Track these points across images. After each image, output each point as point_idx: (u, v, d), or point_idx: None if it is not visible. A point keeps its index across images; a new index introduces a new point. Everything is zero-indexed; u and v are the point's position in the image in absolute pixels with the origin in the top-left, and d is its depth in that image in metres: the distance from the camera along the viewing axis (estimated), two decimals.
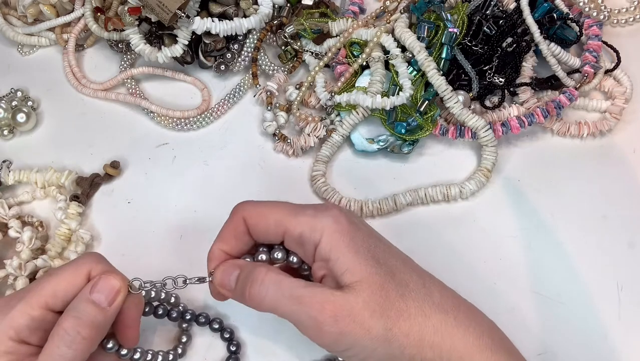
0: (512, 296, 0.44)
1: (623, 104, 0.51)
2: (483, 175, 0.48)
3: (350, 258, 0.34)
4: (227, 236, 0.38)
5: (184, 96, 0.54)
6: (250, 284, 0.35)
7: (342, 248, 0.34)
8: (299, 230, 0.35)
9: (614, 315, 0.43)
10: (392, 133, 0.48)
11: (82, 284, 0.35)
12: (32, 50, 0.57)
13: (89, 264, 0.36)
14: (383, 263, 0.35)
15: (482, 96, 0.50)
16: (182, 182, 0.49)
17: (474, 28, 0.50)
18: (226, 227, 0.38)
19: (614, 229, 0.47)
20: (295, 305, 0.34)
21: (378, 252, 0.35)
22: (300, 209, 0.36)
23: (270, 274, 0.35)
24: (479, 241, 0.46)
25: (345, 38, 0.51)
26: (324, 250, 0.35)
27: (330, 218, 0.35)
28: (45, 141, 0.52)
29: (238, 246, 0.38)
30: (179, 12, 0.47)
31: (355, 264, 0.34)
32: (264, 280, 0.35)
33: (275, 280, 0.35)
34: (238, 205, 0.38)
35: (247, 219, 0.37)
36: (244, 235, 0.38)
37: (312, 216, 0.35)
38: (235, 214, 0.38)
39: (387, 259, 0.35)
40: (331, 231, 0.35)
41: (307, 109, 0.52)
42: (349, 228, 0.35)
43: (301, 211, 0.36)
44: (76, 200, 0.47)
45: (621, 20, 0.56)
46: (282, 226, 0.36)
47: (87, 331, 0.33)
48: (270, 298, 0.34)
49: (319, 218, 0.35)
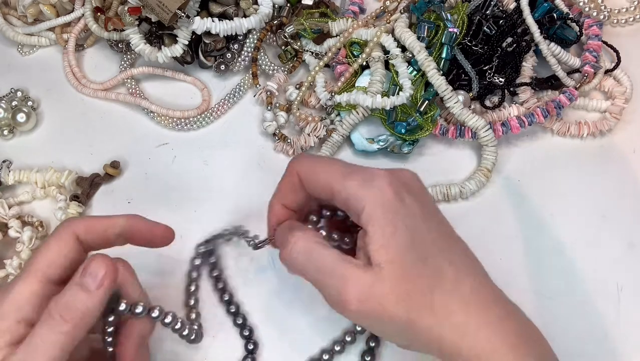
0: (512, 296, 0.44)
1: (623, 104, 0.51)
2: (483, 175, 0.48)
3: (386, 236, 0.33)
4: (284, 190, 0.38)
5: (184, 96, 0.54)
6: (282, 248, 0.36)
7: (381, 223, 0.33)
8: (344, 195, 0.35)
9: (613, 315, 0.43)
10: (392, 133, 0.48)
11: (71, 249, 0.35)
12: (32, 50, 0.57)
13: (71, 227, 0.35)
14: (418, 246, 0.34)
15: (482, 96, 0.50)
16: (182, 182, 0.49)
17: (474, 28, 0.50)
18: (283, 181, 0.38)
19: (614, 229, 0.47)
20: (321, 277, 0.34)
21: (417, 233, 0.34)
22: (350, 172, 0.35)
23: (300, 243, 0.35)
24: (479, 241, 0.46)
25: (345, 38, 0.51)
26: (364, 221, 0.34)
27: (377, 188, 0.34)
28: (45, 141, 0.52)
29: (297, 200, 0.38)
30: (179, 12, 0.47)
31: (389, 243, 0.33)
32: (293, 247, 0.35)
33: (305, 249, 0.35)
34: (294, 159, 0.38)
35: (300, 174, 0.37)
36: (301, 189, 0.37)
37: (359, 183, 0.34)
38: (291, 168, 0.38)
39: (425, 242, 0.34)
40: (374, 204, 0.34)
41: (307, 109, 0.52)
42: (394, 202, 0.34)
43: (350, 175, 0.35)
44: (76, 200, 0.47)
45: (621, 20, 0.56)
46: (329, 187, 0.35)
47: (71, 314, 0.32)
48: (298, 264, 0.35)
49: (365, 187, 0.34)
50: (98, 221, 0.37)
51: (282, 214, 0.38)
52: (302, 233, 0.35)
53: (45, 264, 0.34)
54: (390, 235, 0.33)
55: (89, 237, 0.36)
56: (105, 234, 0.37)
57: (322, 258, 0.34)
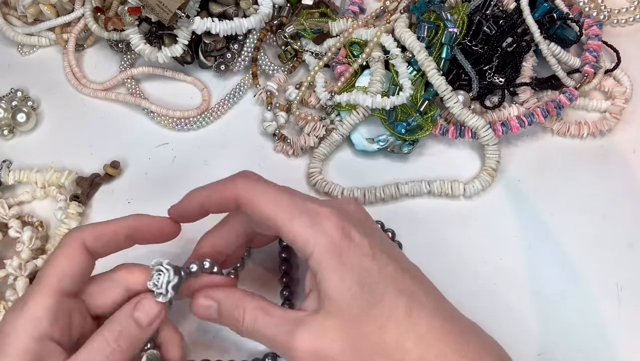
0: (512, 296, 0.44)
1: (623, 104, 0.51)
2: (488, 174, 0.48)
3: (335, 283, 0.33)
4: (213, 198, 0.37)
5: (184, 96, 0.54)
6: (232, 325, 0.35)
7: (330, 270, 0.33)
8: (291, 237, 0.34)
9: (614, 315, 0.43)
10: (392, 133, 0.48)
11: (81, 259, 0.35)
12: (32, 50, 0.57)
13: (79, 237, 0.35)
14: (368, 291, 0.33)
15: (482, 95, 0.50)
16: (182, 182, 0.49)
17: (474, 28, 0.50)
18: (216, 191, 0.37)
19: (613, 229, 0.47)
20: (270, 345, 0.35)
21: (368, 275, 0.33)
22: (297, 211, 0.34)
23: (246, 317, 0.35)
24: (479, 241, 0.46)
25: (345, 38, 0.51)
26: (313, 265, 0.33)
27: (325, 232, 0.33)
28: (45, 141, 0.52)
29: (218, 211, 0.38)
30: (179, 12, 0.47)
31: (339, 291, 0.33)
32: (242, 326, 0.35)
33: (250, 323, 0.35)
34: (238, 177, 0.37)
35: (240, 199, 0.36)
36: (230, 208, 0.37)
37: (306, 225, 0.34)
38: (231, 186, 0.36)
39: (376, 283, 0.33)
40: (322, 249, 0.33)
41: (307, 109, 0.52)
42: (342, 245, 0.33)
43: (296, 216, 0.34)
44: (76, 200, 0.47)
45: (621, 20, 0.56)
46: (275, 225, 0.35)
47: (126, 345, 0.34)
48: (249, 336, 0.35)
49: (313, 230, 0.33)
50: (104, 226, 0.36)
51: (195, 211, 0.38)
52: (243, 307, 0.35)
53: (57, 279, 0.34)
54: (337, 283, 0.33)
55: (97, 245, 0.36)
56: (114, 239, 0.36)
57: (265, 328, 0.34)
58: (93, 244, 0.35)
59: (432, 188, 0.48)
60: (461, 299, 0.43)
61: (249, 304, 0.35)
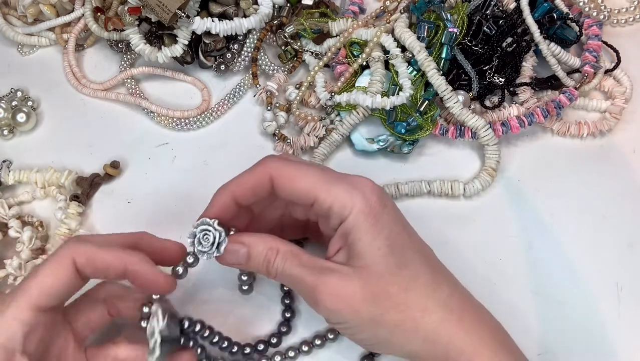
0: (512, 296, 0.44)
1: (623, 104, 0.51)
2: (488, 174, 0.48)
3: (367, 242, 0.35)
4: (245, 186, 0.37)
5: (184, 96, 0.54)
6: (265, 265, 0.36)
7: (364, 230, 0.35)
8: (329, 203, 0.35)
9: (613, 314, 0.43)
10: (392, 133, 0.48)
11: (69, 276, 0.34)
12: (32, 50, 0.57)
13: (72, 254, 0.34)
14: (398, 253, 0.35)
15: (482, 95, 0.50)
16: (182, 182, 0.49)
17: (474, 28, 0.50)
18: (247, 176, 0.37)
19: (613, 229, 0.47)
20: (296, 286, 0.36)
21: (397, 240, 0.35)
22: (334, 179, 0.36)
23: (277, 260, 0.36)
24: (479, 241, 0.46)
25: (345, 38, 0.51)
26: (347, 226, 0.35)
27: (362, 196, 0.35)
28: (45, 141, 0.52)
29: (254, 200, 0.37)
30: (179, 12, 0.47)
31: (369, 250, 0.34)
32: (272, 268, 0.36)
33: (280, 265, 0.36)
34: (267, 159, 0.37)
35: (275, 179, 0.36)
36: (265, 192, 0.37)
37: (345, 190, 0.35)
38: (263, 169, 0.37)
39: (404, 249, 0.35)
40: (359, 211, 0.35)
41: (307, 109, 0.52)
42: (377, 209, 0.35)
43: (335, 182, 0.35)
44: (76, 200, 0.47)
45: (621, 20, 0.56)
46: (312, 195, 0.35)
47: None
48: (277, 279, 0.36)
49: (351, 195, 0.35)
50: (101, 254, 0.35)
51: (227, 207, 0.37)
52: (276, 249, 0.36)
53: (37, 293, 0.33)
54: (370, 242, 0.35)
55: (88, 269, 0.35)
56: (105, 273, 0.35)
57: (294, 270, 0.35)
58: (84, 267, 0.34)
59: (432, 188, 0.48)
60: None
61: (281, 247, 0.36)
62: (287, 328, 0.43)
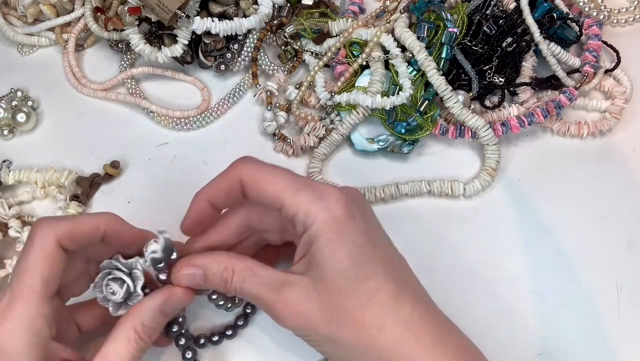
0: (512, 296, 0.44)
1: (623, 104, 0.51)
2: (488, 174, 0.48)
3: (328, 254, 0.34)
4: (218, 189, 0.37)
5: (184, 96, 0.54)
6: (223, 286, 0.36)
7: (325, 240, 0.34)
8: (294, 210, 0.35)
9: (613, 315, 0.43)
10: (392, 133, 0.48)
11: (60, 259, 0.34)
12: (32, 50, 0.57)
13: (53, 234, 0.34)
14: (359, 267, 0.34)
15: (482, 95, 0.50)
16: (182, 182, 0.49)
17: (474, 28, 0.50)
18: (219, 180, 0.37)
19: (613, 229, 0.47)
20: (255, 301, 0.36)
21: (361, 253, 0.34)
22: (302, 186, 0.35)
23: (235, 277, 0.36)
24: (479, 241, 0.47)
25: (345, 38, 0.51)
26: (310, 236, 0.34)
27: (327, 206, 0.34)
28: (45, 141, 0.52)
29: (227, 203, 0.38)
30: (179, 12, 0.47)
31: (329, 262, 0.34)
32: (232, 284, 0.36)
33: (239, 282, 0.36)
34: (239, 162, 0.37)
35: (244, 182, 0.36)
36: (237, 194, 0.37)
37: (310, 199, 0.34)
38: (233, 172, 0.37)
39: (367, 263, 0.34)
40: (322, 221, 0.34)
41: (307, 109, 0.52)
42: (342, 220, 0.34)
43: (302, 189, 0.35)
44: (76, 200, 0.47)
45: (621, 20, 0.56)
46: (279, 200, 0.35)
47: (154, 337, 0.36)
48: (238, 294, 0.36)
49: (316, 204, 0.34)
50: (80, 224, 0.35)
51: (204, 212, 0.38)
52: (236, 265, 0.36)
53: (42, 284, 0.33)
54: (330, 255, 0.34)
55: (70, 245, 0.35)
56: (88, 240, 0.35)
57: (253, 288, 0.35)
58: (68, 245, 0.35)
59: (432, 188, 0.48)
60: (461, 299, 0.43)
61: (237, 265, 0.36)
62: (244, 321, 0.42)
